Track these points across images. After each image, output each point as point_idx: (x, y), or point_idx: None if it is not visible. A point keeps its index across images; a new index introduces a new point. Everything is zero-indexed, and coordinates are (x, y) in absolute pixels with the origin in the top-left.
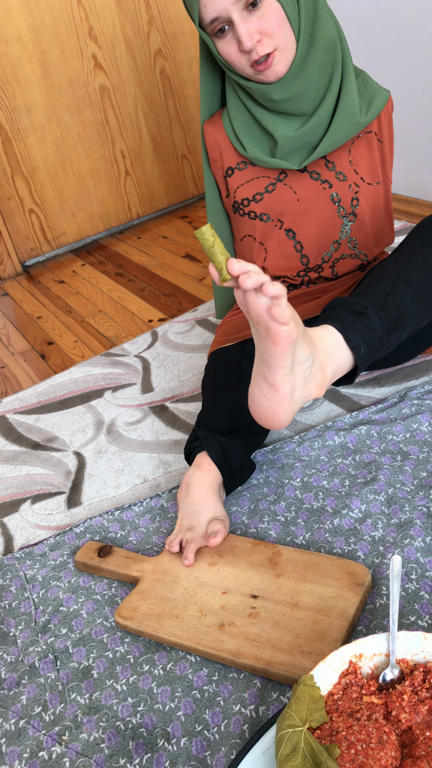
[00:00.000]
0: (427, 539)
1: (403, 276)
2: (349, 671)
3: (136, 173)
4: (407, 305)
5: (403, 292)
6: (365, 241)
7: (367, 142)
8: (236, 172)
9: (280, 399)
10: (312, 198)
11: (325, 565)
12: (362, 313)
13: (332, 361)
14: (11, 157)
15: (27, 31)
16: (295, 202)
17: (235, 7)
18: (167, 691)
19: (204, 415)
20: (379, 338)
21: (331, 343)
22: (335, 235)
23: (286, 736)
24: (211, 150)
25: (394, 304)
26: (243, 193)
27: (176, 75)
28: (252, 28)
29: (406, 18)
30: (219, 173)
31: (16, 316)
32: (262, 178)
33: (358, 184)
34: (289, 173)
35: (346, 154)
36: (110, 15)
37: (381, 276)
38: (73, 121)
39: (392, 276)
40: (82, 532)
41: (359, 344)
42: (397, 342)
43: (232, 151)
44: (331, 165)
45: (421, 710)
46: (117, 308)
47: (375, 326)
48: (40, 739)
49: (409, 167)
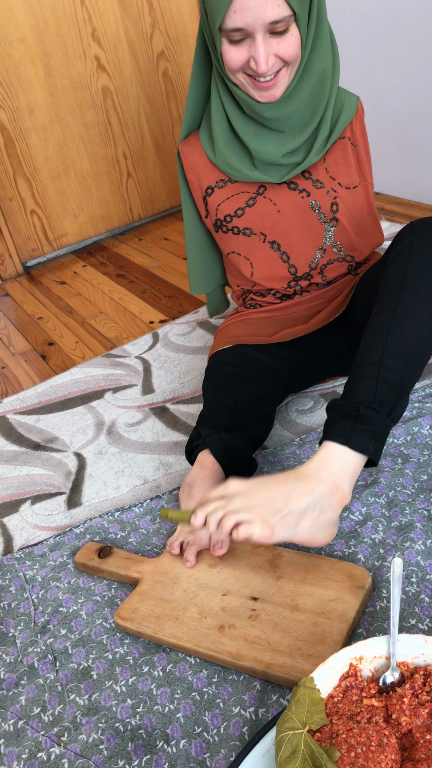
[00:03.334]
0: (427, 542)
1: (387, 347)
2: (349, 674)
3: (137, 175)
4: (399, 377)
5: (391, 365)
6: (350, 244)
7: (342, 148)
8: (216, 191)
9: (309, 541)
10: (292, 208)
11: (325, 568)
12: (357, 415)
13: (345, 475)
14: (13, 158)
15: (30, 32)
16: (276, 214)
17: (263, 28)
18: (167, 692)
19: (205, 414)
20: (382, 428)
21: (338, 459)
22: (319, 242)
23: (286, 738)
24: (189, 172)
25: (385, 386)
26: (224, 210)
27: (179, 77)
28: (271, 51)
29: (406, 21)
30: (197, 194)
31: (17, 317)
32: (242, 194)
33: (335, 189)
34: (267, 186)
35: (321, 162)
36: (113, 17)
37: (368, 351)
38: (75, 123)
39: (377, 349)
40: (82, 533)
41: (366, 445)
42: (403, 409)
43: (210, 170)
44: (307, 174)
45: (421, 713)
46: (118, 309)
47: (374, 421)
48: (39, 740)
49: (410, 170)
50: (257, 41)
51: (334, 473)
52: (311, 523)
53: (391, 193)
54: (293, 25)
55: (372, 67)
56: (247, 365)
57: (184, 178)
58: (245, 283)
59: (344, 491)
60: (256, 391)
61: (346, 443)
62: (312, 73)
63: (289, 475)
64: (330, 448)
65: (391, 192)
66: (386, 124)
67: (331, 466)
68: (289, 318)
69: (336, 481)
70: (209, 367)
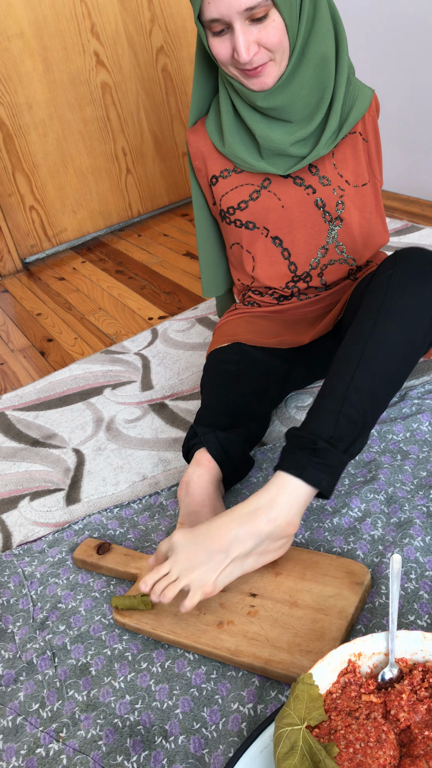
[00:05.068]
0: (426, 539)
1: (353, 381)
2: (348, 670)
3: (137, 171)
4: (362, 413)
5: (355, 401)
6: (353, 245)
7: (352, 144)
8: (220, 181)
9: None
10: (296, 204)
11: (324, 564)
12: (314, 448)
13: (296, 510)
14: (12, 154)
15: (29, 27)
16: (280, 209)
17: (239, 17)
18: (165, 688)
19: (202, 413)
20: (338, 463)
21: (290, 492)
22: (322, 241)
23: (284, 734)
24: (195, 159)
25: (346, 422)
26: (228, 201)
27: (178, 72)
28: (251, 39)
29: (407, 19)
30: (204, 182)
31: (15, 313)
32: (247, 186)
33: (342, 187)
34: (273, 180)
35: (330, 157)
36: (113, 12)
37: (333, 382)
38: (74, 118)
39: (343, 383)
40: (81, 530)
41: (320, 479)
42: (363, 445)
43: (216, 158)
44: (314, 170)
45: (419, 709)
46: (117, 306)
47: (330, 456)
48: (38, 735)
49: (411, 167)
50: (236, 30)
51: (285, 510)
52: (257, 555)
53: (392, 189)
54: (273, 10)
55: (373, 63)
56: (244, 364)
57: (192, 166)
58: (245, 278)
59: (295, 525)
60: (253, 390)
61: (300, 476)
62: (310, 59)
63: (233, 521)
64: (283, 480)
65: (391, 188)
66: (386, 120)
67: (283, 503)
68: (286, 320)
69: (287, 519)
70: (207, 366)
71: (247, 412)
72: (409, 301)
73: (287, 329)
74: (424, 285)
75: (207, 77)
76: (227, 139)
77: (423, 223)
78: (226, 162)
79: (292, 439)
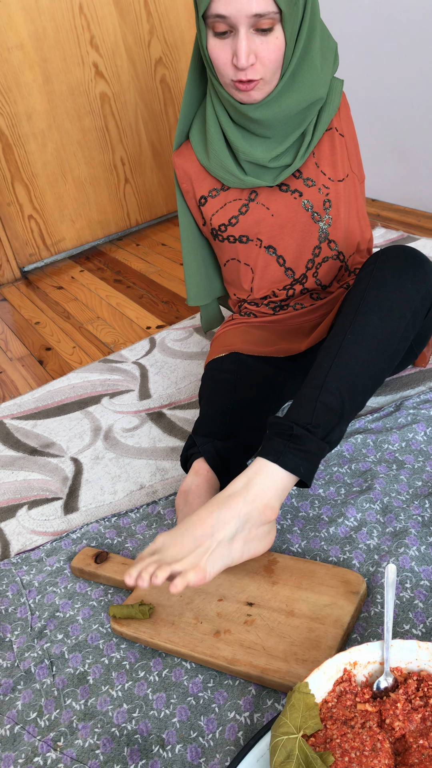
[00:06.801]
0: (421, 548)
1: (332, 370)
2: (343, 679)
3: (135, 180)
4: (339, 401)
5: (333, 389)
6: (344, 240)
7: (330, 139)
8: (209, 200)
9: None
10: (285, 210)
11: (320, 573)
12: (291, 434)
13: (274, 493)
14: (11, 163)
15: (29, 39)
16: (270, 218)
17: (247, 21)
18: (162, 697)
19: (200, 422)
20: (316, 449)
21: (267, 477)
22: (314, 241)
23: (280, 743)
24: (182, 182)
25: (324, 409)
26: (219, 219)
27: (176, 84)
28: (252, 48)
29: (402, 29)
30: (192, 203)
31: (14, 322)
32: (235, 201)
33: (327, 185)
34: (259, 191)
35: (311, 158)
36: (111, 24)
37: (314, 373)
38: (73, 128)
39: (322, 372)
40: (79, 538)
41: (297, 465)
42: (342, 434)
43: (203, 179)
44: (298, 173)
45: (414, 718)
46: (115, 315)
47: (307, 442)
48: (35, 744)
49: (406, 177)
50: (240, 35)
51: (262, 492)
52: (243, 542)
53: (387, 200)
54: (278, 26)
55: (368, 73)
56: (242, 373)
57: (179, 189)
58: (241, 292)
59: (273, 509)
60: (251, 399)
61: (277, 461)
62: (298, 85)
63: (212, 505)
64: (260, 464)
65: (386, 199)
66: (382, 131)
67: (260, 485)
68: (282, 329)
69: (265, 501)
70: (205, 375)
71: (245, 421)
72: (391, 293)
73: (283, 338)
74: (406, 279)
75: (198, 99)
76: (213, 151)
77: (419, 234)
78: (214, 181)
79: (271, 427)
